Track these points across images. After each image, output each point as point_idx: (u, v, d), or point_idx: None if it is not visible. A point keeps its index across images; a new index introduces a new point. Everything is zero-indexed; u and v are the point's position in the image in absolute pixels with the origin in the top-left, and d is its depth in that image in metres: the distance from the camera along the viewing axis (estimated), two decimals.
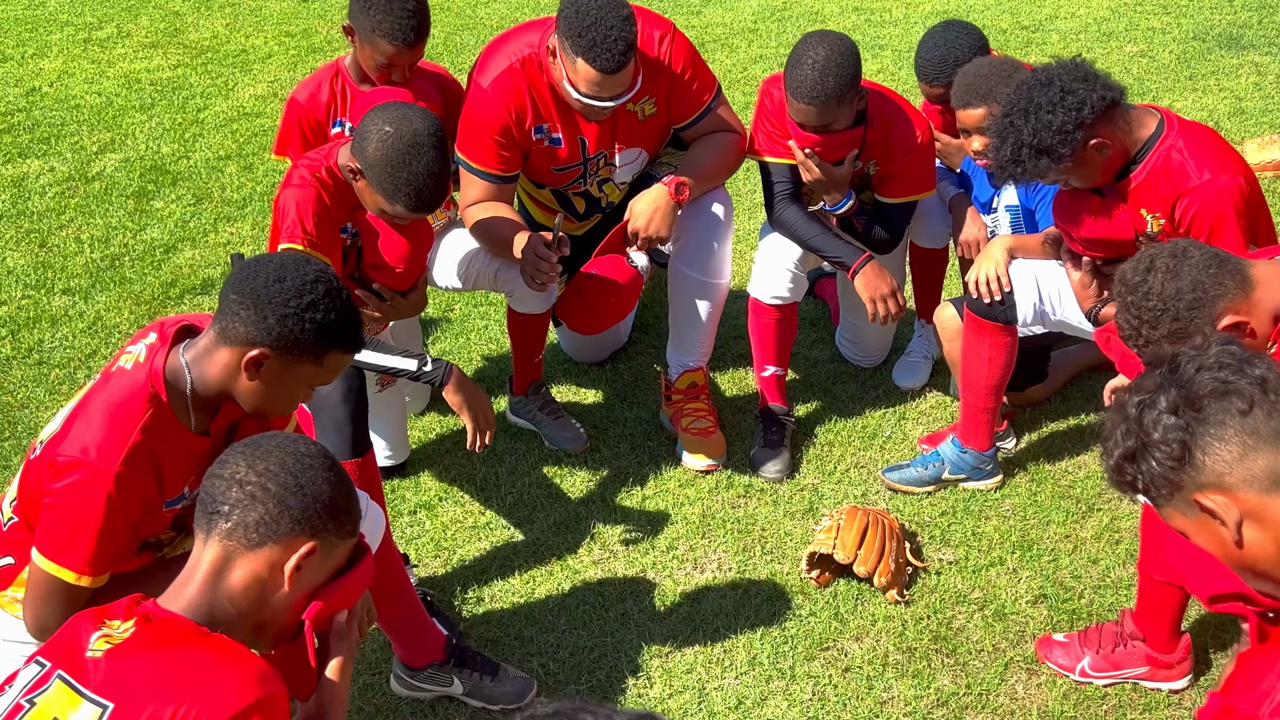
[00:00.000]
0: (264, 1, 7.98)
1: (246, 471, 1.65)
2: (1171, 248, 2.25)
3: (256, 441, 1.71)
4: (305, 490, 1.65)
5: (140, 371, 2.03)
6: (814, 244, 3.18)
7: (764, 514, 3.15)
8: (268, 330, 1.97)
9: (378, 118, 2.64)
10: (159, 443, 2.01)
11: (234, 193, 5.10)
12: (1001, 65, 3.06)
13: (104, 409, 2.00)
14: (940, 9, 7.03)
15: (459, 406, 2.73)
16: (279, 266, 2.01)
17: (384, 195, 2.65)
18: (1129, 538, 3.02)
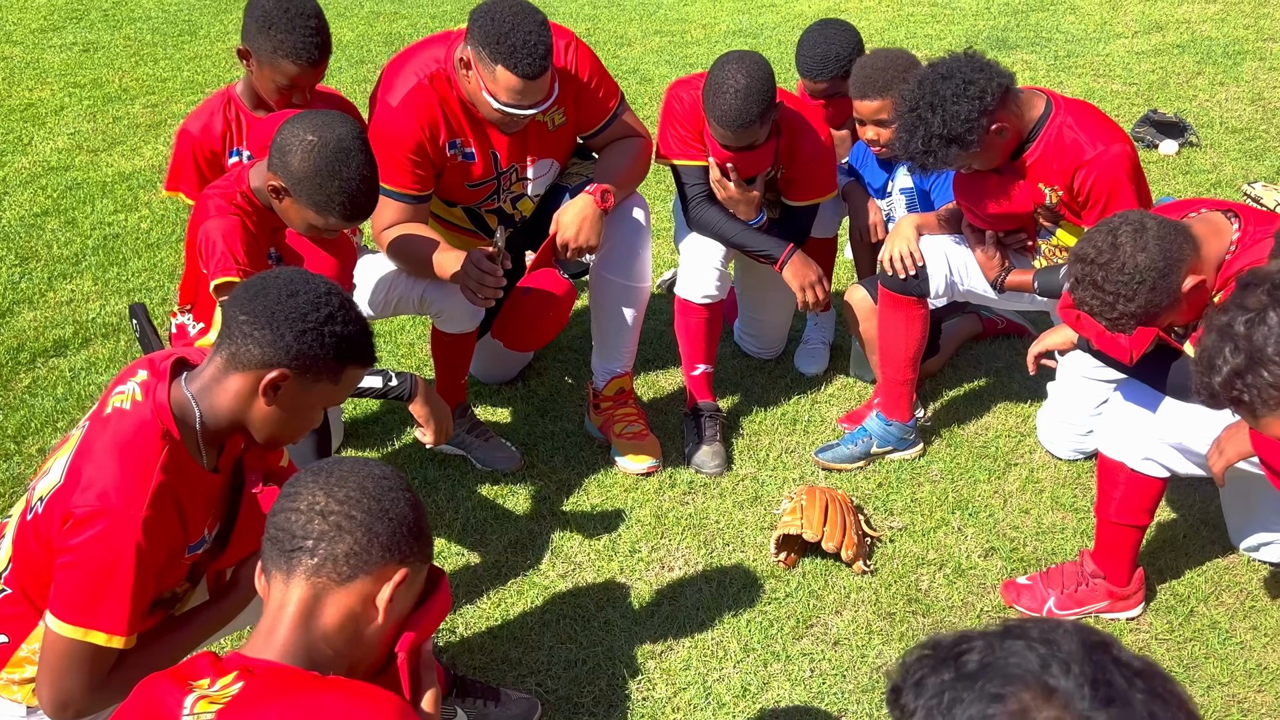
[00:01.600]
0: (39, 54, 7.38)
1: (327, 500, 1.46)
2: (1127, 221, 2.31)
3: (325, 468, 1.52)
4: (390, 514, 1.48)
5: (144, 409, 1.80)
6: (738, 241, 3.17)
7: (714, 507, 3.11)
8: (285, 349, 1.80)
9: (297, 129, 2.43)
10: (179, 482, 1.79)
11: (62, 249, 4.65)
12: (896, 58, 3.15)
13: (115, 452, 1.76)
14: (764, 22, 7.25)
15: (425, 418, 2.56)
16: (288, 282, 1.83)
17: (314, 208, 2.45)
18: (1050, 487, 3.15)
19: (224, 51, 7.33)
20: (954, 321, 3.72)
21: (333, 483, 1.48)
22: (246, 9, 2.90)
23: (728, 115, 2.93)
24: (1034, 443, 3.32)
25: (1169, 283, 2.27)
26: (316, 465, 1.55)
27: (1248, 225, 2.38)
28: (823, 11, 7.65)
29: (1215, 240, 2.37)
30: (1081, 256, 2.34)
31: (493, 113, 2.85)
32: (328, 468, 1.52)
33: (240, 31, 2.92)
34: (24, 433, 3.46)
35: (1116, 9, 7.49)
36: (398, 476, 1.54)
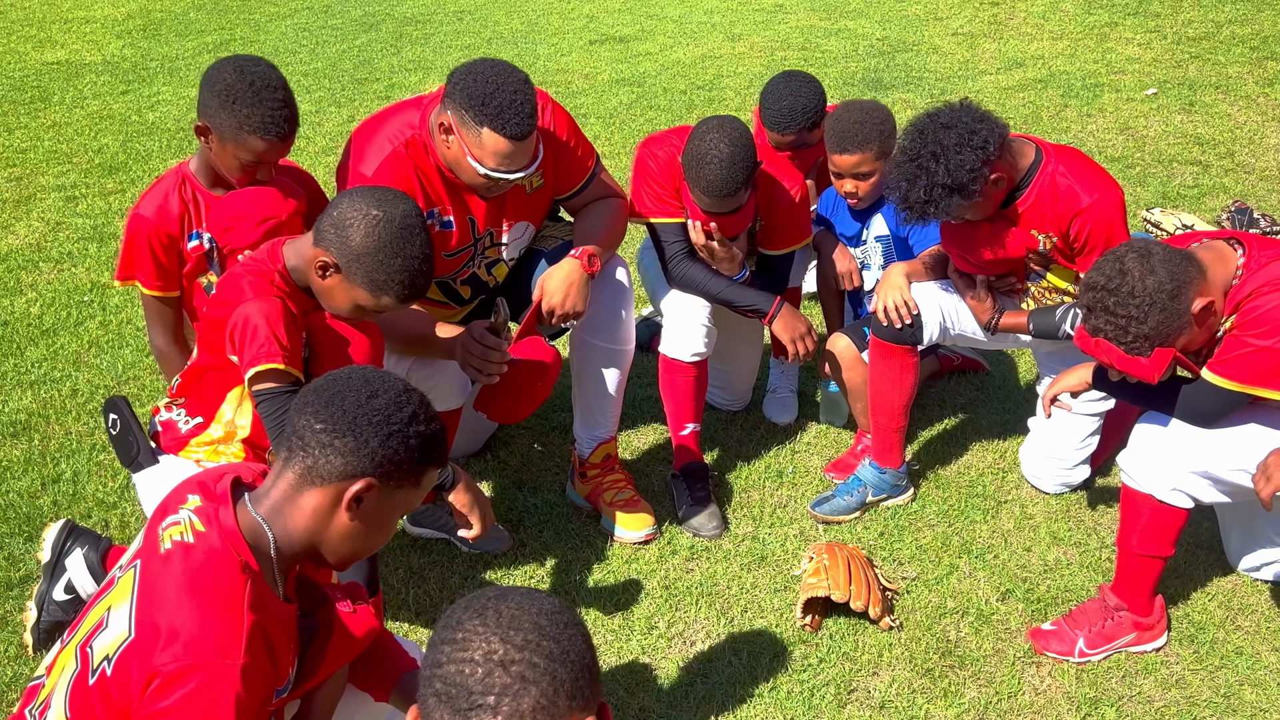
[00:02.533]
0: None
1: (505, 649, 1.25)
2: (1132, 248, 2.35)
3: (487, 605, 1.30)
4: (570, 657, 1.28)
5: (212, 540, 1.55)
6: (724, 297, 3.05)
7: (721, 571, 2.96)
8: (370, 456, 1.58)
9: (358, 203, 2.21)
10: (266, 619, 1.55)
11: None
12: (872, 110, 3.10)
13: (193, 594, 1.50)
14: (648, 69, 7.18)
15: (468, 507, 2.33)
16: (364, 383, 1.62)
17: (369, 287, 2.23)
18: (1044, 522, 3.12)
19: (84, 118, 6.83)
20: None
21: (505, 624, 1.28)
22: (204, 82, 2.62)
23: (714, 185, 2.82)
24: (1017, 478, 3.29)
25: (1178, 304, 2.29)
26: (477, 602, 1.33)
27: (1253, 251, 2.41)
28: (696, 60, 7.67)
29: (1221, 266, 2.39)
30: (1092, 285, 2.36)
31: (477, 179, 2.66)
32: (492, 605, 1.31)
33: (198, 108, 2.63)
34: None
35: (974, 48, 7.75)
36: (566, 609, 1.35)
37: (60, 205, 5.47)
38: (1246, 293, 2.37)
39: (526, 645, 1.25)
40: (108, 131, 6.55)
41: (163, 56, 8.21)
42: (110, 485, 3.32)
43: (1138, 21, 8.18)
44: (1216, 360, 2.43)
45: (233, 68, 2.58)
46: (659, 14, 9.00)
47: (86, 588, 2.67)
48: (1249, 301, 2.37)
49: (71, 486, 3.32)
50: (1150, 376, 2.40)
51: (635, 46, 8.07)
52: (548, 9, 9.32)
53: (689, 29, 8.51)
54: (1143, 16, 8.31)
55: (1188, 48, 7.46)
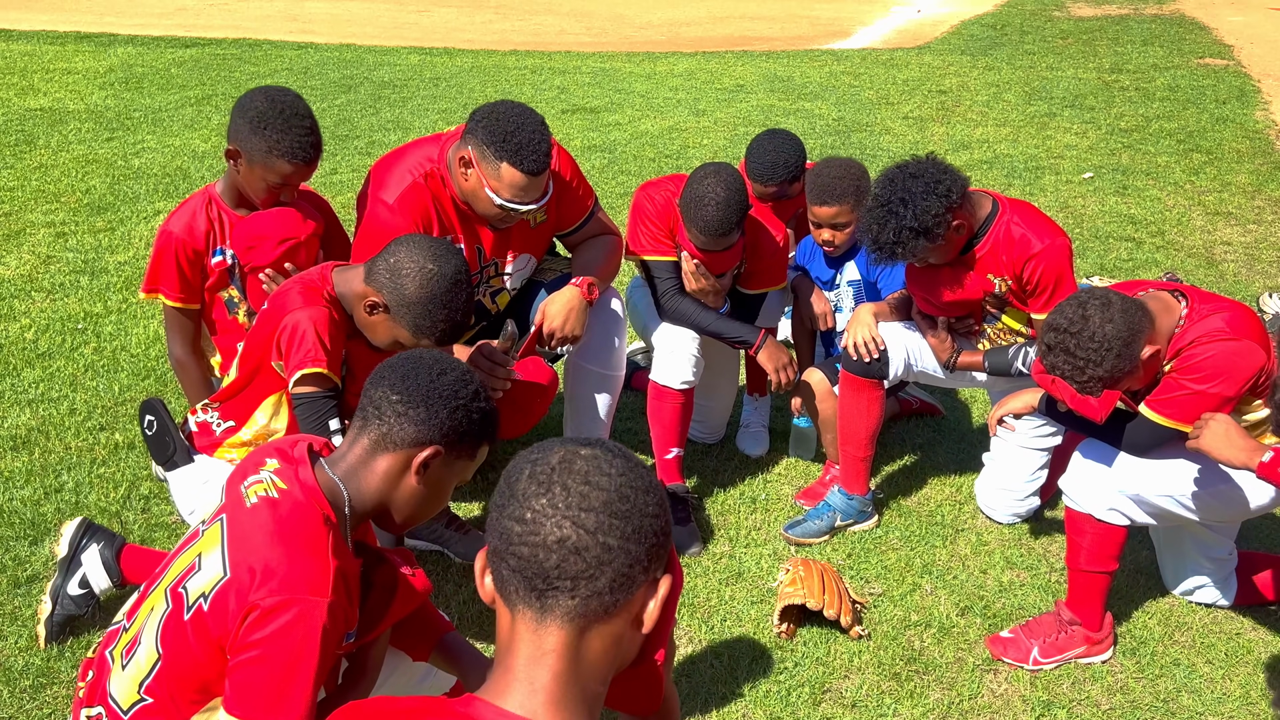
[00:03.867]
0: None
1: (578, 534, 1.20)
2: (1095, 296, 2.56)
3: (556, 478, 1.23)
4: (644, 529, 1.23)
5: (295, 494, 1.69)
6: (714, 329, 3.25)
7: (701, 585, 3.11)
8: (439, 426, 1.76)
9: (415, 254, 2.37)
10: (346, 565, 1.69)
11: None
12: (850, 166, 3.35)
13: (284, 539, 1.64)
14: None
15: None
16: (434, 363, 1.81)
17: (413, 330, 2.39)
18: (998, 548, 3.32)
19: (69, 161, 6.93)
20: None
21: (575, 505, 1.21)
22: (236, 109, 2.80)
23: (710, 225, 3.04)
24: (973, 509, 3.50)
25: (1131, 351, 2.51)
26: (541, 471, 1.24)
27: (1194, 303, 2.65)
28: (664, 132, 7.99)
29: (1166, 315, 2.64)
30: (1054, 326, 2.56)
31: (492, 209, 2.85)
32: (559, 479, 1.23)
33: (228, 133, 2.80)
34: None
35: (923, 131, 8.16)
36: (633, 468, 1.27)
37: (50, 240, 5.56)
38: (1188, 340, 2.61)
39: (600, 528, 1.21)
40: (95, 174, 6.66)
41: (146, 107, 8.36)
42: (112, 495, 3.40)
43: (1074, 114, 8.68)
44: (1155, 399, 2.67)
45: (264, 96, 2.76)
46: (626, 89, 9.35)
47: (100, 584, 2.76)
48: (1189, 349, 2.61)
49: (74, 496, 3.39)
50: (1097, 415, 2.63)
51: (605, 117, 8.38)
52: (520, 79, 9.64)
53: (655, 103, 8.85)
54: (1079, 109, 8.81)
55: (1120, 138, 7.93)
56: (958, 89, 9.57)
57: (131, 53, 10.50)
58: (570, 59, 10.65)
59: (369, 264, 2.41)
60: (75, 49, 10.56)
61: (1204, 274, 5.42)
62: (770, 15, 14.03)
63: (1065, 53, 11.26)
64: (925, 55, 11.13)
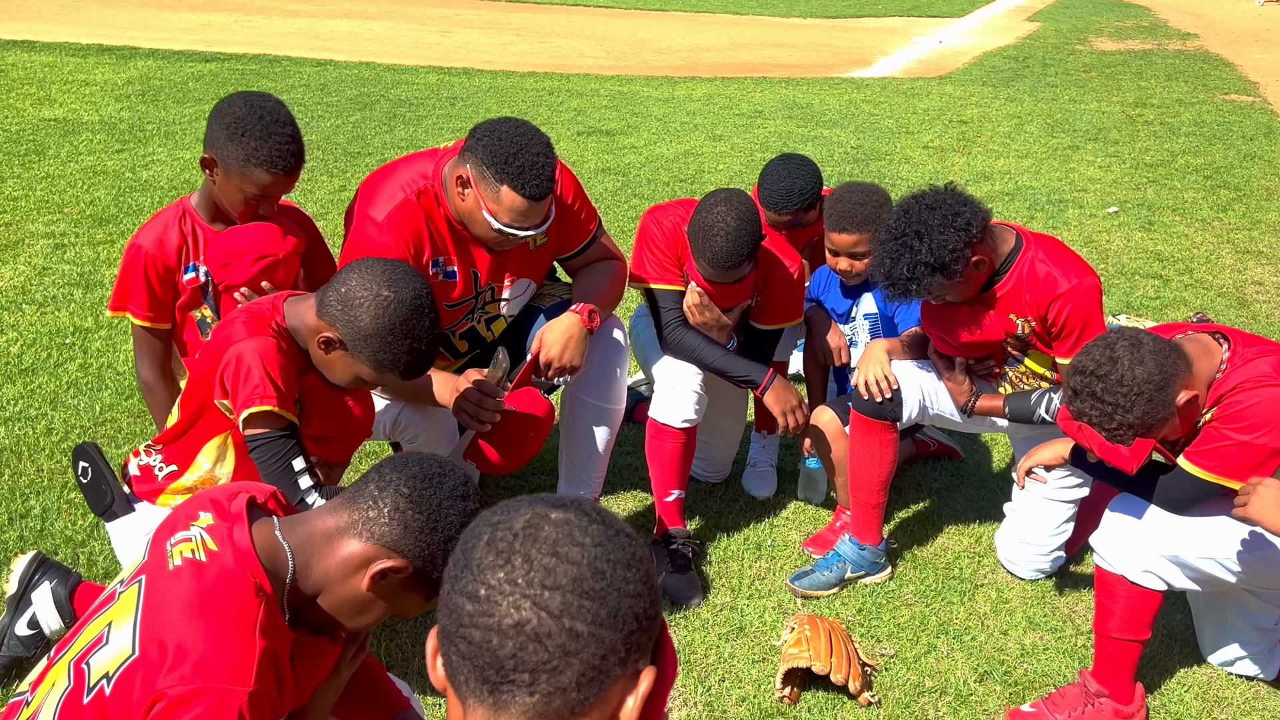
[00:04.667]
0: None
1: (538, 617, 0.97)
2: (1125, 336, 2.33)
3: (513, 547, 1.00)
4: (621, 611, 1.00)
5: (225, 559, 1.45)
6: (718, 366, 3.00)
7: (699, 639, 2.85)
8: (424, 548, 1.52)
9: (368, 281, 2.11)
10: (276, 645, 1.45)
11: None
12: (872, 193, 3.11)
13: (202, 614, 1.40)
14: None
15: None
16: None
17: (374, 365, 2.14)
18: (1020, 606, 3.06)
19: (78, 171, 6.76)
20: None
21: (538, 581, 0.98)
22: (213, 115, 2.58)
23: (719, 256, 2.81)
24: (993, 562, 3.24)
25: (1164, 396, 2.27)
26: (500, 538, 1.01)
27: (1237, 346, 2.40)
28: (679, 156, 7.78)
29: (1206, 359, 2.39)
30: (1080, 369, 2.33)
31: (489, 232, 2.62)
32: (520, 547, 1.00)
33: (205, 140, 2.59)
34: None
35: (943, 161, 7.92)
36: (611, 535, 1.03)
37: (48, 251, 5.36)
38: (1230, 387, 2.36)
39: (566, 610, 0.99)
40: (101, 185, 6.48)
41: (159, 120, 8.20)
42: (80, 523, 3.17)
43: (1098, 147, 8.42)
44: (1195, 450, 2.41)
45: (243, 101, 2.54)
46: (644, 112, 9.15)
47: (51, 624, 2.52)
48: (1231, 395, 2.36)
49: (39, 523, 3.17)
50: (1128, 466, 2.38)
51: (620, 140, 8.18)
52: (537, 100, 9.46)
53: (672, 127, 8.65)
54: (1102, 143, 8.56)
55: (1145, 173, 7.67)
56: (979, 119, 9.34)
57: (151, 66, 10.37)
58: (588, 81, 10.47)
59: (320, 294, 2.16)
60: (96, 61, 10.44)
61: (1235, 314, 5.14)
62: (792, 43, 13.86)
63: (1088, 86, 11.02)
64: (946, 85, 10.91)
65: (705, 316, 2.99)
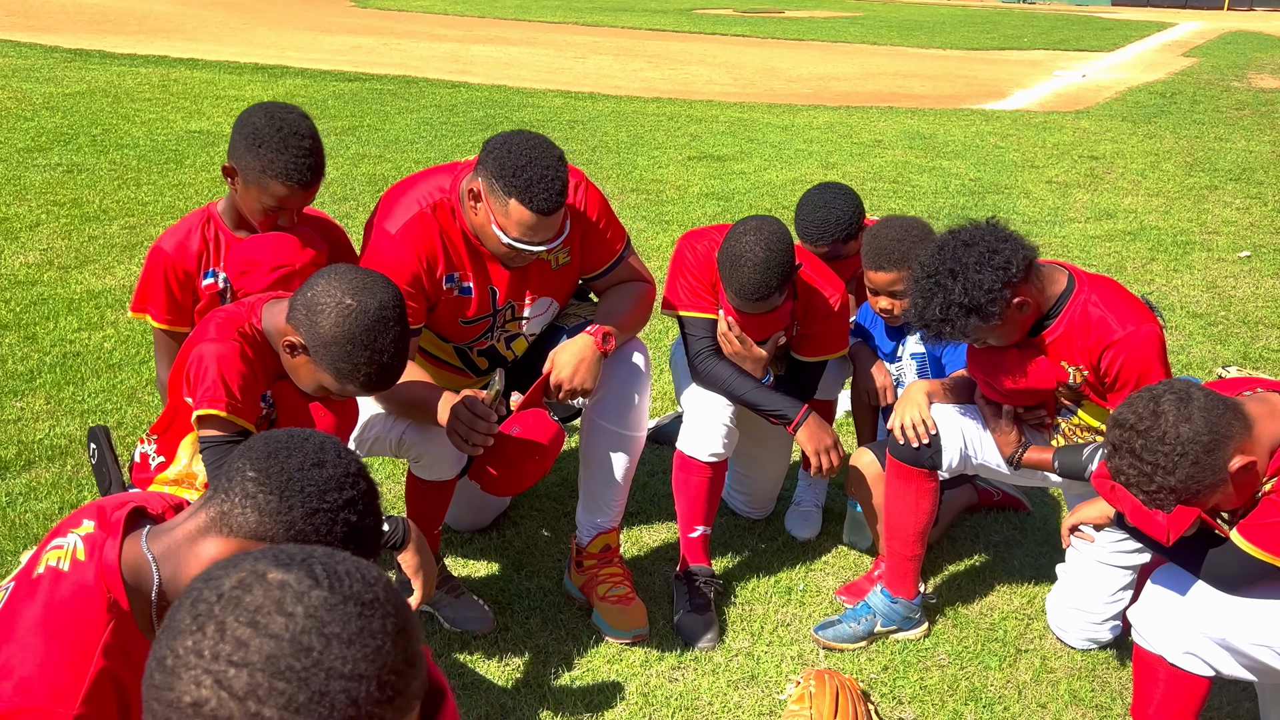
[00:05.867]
0: (22, 171, 7.03)
1: (218, 697, 0.86)
2: (1172, 389, 2.05)
3: (215, 604, 0.90)
4: (329, 697, 0.87)
5: (85, 572, 1.37)
6: (750, 399, 2.82)
7: (706, 685, 2.66)
8: (288, 525, 1.37)
9: (333, 288, 2.04)
10: (124, 668, 1.34)
11: (18, 364, 4.19)
12: (911, 227, 2.89)
13: (43, 628, 1.32)
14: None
15: (414, 570, 2.11)
16: (316, 449, 1.41)
17: (335, 375, 2.06)
18: (1065, 678, 2.75)
19: (208, 181, 7.02)
20: (950, 492, 3.37)
21: (227, 652, 0.86)
22: (236, 125, 2.56)
23: (746, 287, 2.63)
24: (1043, 627, 2.93)
25: (1214, 459, 1.98)
26: (208, 590, 0.90)
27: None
28: (788, 183, 7.56)
29: (1271, 421, 2.07)
30: (1120, 422, 2.06)
31: (499, 247, 2.52)
32: (223, 604, 0.88)
33: (228, 149, 2.58)
34: None
35: (1066, 197, 7.48)
36: (351, 602, 0.89)
37: None
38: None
39: (252, 692, 0.85)
40: (224, 194, 6.70)
41: None
42: None
43: (1238, 187, 7.82)
44: (1250, 524, 2.10)
45: (264, 113, 2.51)
46: (760, 139, 8.98)
47: None
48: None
49: None
50: (1164, 536, 2.09)
51: (731, 165, 8.03)
52: (655, 125, 9.40)
53: (785, 154, 8.44)
54: (1244, 183, 7.94)
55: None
56: (1111, 155, 8.81)
57: (298, 84, 10.77)
58: (710, 108, 10.36)
59: (293, 298, 2.09)
60: (249, 79, 10.92)
61: None
62: (925, 74, 13.44)
63: (1238, 124, 10.29)
64: (1082, 120, 10.36)
65: (736, 348, 2.81)
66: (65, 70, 11.05)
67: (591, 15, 20.12)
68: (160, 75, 10.96)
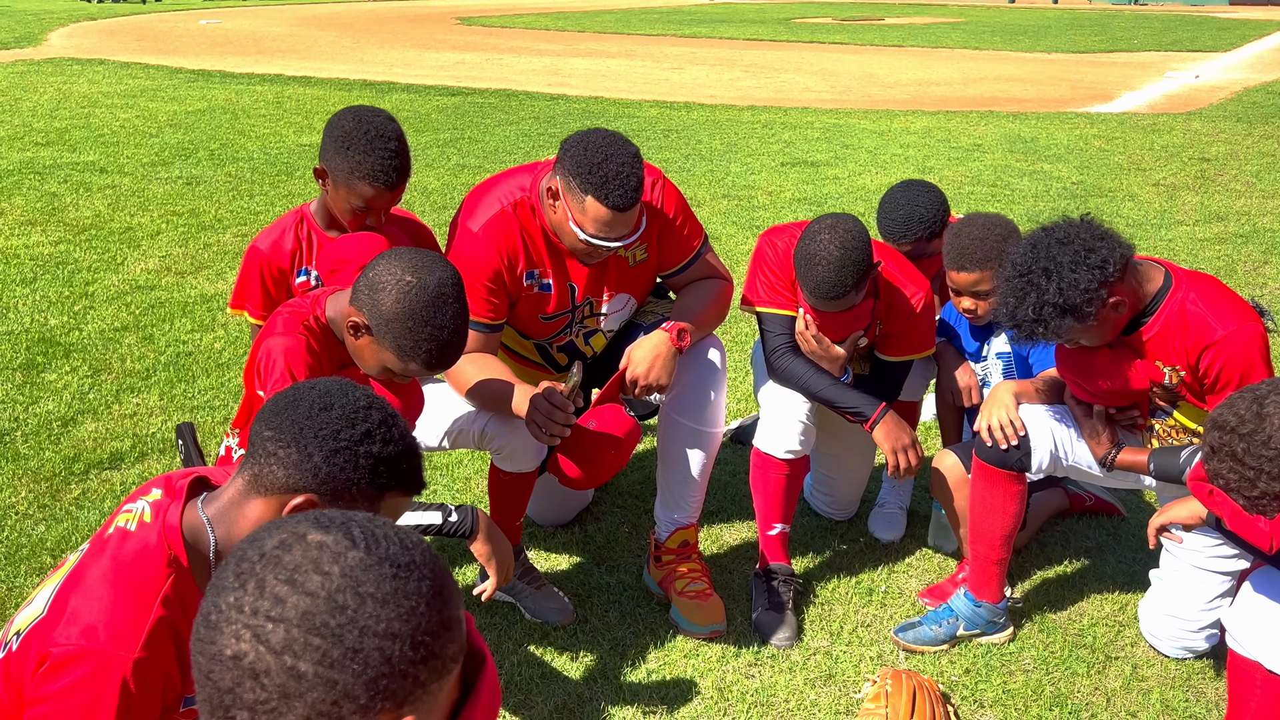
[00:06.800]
0: (146, 184, 7.37)
1: (256, 650, 0.87)
2: (1277, 390, 1.95)
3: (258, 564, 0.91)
4: (361, 653, 0.88)
5: (150, 532, 1.44)
6: (826, 396, 2.79)
7: (783, 683, 2.63)
8: (314, 471, 1.42)
9: (393, 266, 2.09)
10: (182, 619, 1.41)
11: (135, 363, 4.39)
12: (995, 226, 2.82)
13: (109, 580, 1.40)
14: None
15: (487, 558, 2.14)
16: (323, 394, 1.46)
17: (397, 352, 2.10)
18: (1158, 687, 2.64)
19: (317, 192, 7.24)
20: (1040, 495, 3.27)
21: (265, 609, 0.88)
22: (326, 128, 2.65)
23: (821, 287, 2.60)
24: (1135, 634, 2.82)
25: None
26: (250, 552, 0.92)
27: None
28: (882, 187, 7.42)
29: None
30: (1221, 424, 1.96)
31: (577, 244, 2.55)
32: (266, 564, 0.90)
33: (319, 152, 2.66)
34: (64, 547, 3.09)
35: (1173, 199, 7.20)
36: (386, 564, 0.90)
37: None
38: None
39: (289, 646, 0.86)
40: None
41: None
42: None
43: None
44: None
45: (352, 116, 2.58)
46: (855, 144, 8.87)
47: None
48: None
49: None
50: (1267, 545, 1.99)
51: (824, 171, 7.95)
52: (749, 133, 9.37)
53: (881, 159, 8.32)
54: None
55: None
56: (1224, 157, 8.45)
57: (404, 99, 11.06)
58: (805, 114, 10.28)
59: (355, 281, 2.15)
60: (359, 95, 11.25)
61: None
62: (1027, 77, 13.10)
63: None
64: (1193, 121, 9.97)
65: (814, 346, 2.78)
66: (188, 90, 11.56)
67: (689, 27, 20.19)
68: (275, 93, 11.38)
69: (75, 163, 7.97)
